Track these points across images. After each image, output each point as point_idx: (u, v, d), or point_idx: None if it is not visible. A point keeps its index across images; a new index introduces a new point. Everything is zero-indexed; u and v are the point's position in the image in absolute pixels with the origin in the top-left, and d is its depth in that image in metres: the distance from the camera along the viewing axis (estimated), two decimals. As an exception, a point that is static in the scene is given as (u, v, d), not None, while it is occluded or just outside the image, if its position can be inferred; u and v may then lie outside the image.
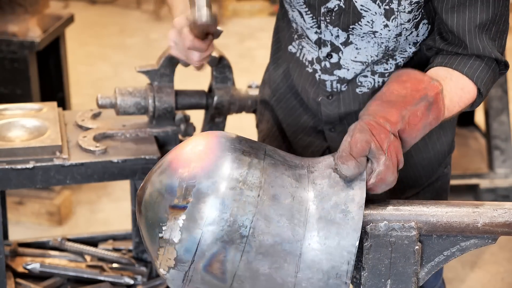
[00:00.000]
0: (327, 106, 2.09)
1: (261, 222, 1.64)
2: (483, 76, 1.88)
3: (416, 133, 1.77)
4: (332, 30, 1.98)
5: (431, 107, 1.77)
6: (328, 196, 1.68)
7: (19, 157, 2.35)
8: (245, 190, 1.65)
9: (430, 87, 1.79)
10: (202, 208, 1.63)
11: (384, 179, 1.70)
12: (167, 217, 1.66)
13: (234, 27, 6.38)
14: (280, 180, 1.69)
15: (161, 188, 1.68)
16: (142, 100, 2.49)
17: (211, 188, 1.64)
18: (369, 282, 1.73)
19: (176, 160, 1.69)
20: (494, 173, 4.07)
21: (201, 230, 1.62)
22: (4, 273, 2.45)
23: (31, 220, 3.95)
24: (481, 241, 1.75)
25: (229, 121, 2.63)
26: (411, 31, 1.95)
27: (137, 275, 2.75)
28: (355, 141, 1.68)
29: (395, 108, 1.74)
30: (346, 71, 2.03)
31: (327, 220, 1.66)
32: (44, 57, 4.03)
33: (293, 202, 1.67)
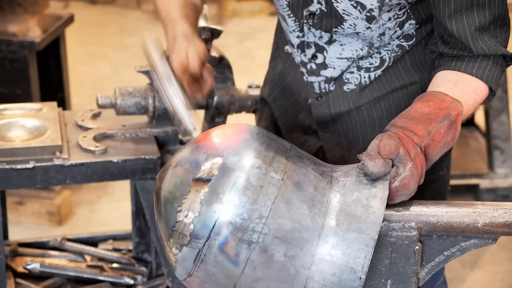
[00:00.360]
0: (317, 108, 2.09)
1: (282, 205, 1.63)
2: (492, 74, 1.88)
3: (438, 150, 1.77)
4: (315, 32, 2.00)
5: (452, 127, 1.78)
6: (350, 191, 1.68)
7: (19, 157, 2.35)
8: (270, 172, 1.64)
9: (452, 107, 1.79)
10: (225, 182, 1.63)
11: (408, 185, 1.69)
12: (189, 189, 1.64)
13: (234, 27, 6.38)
14: (304, 170, 1.69)
15: (186, 163, 1.67)
16: (142, 100, 2.49)
17: (237, 164, 1.63)
18: (369, 282, 1.73)
19: (203, 139, 1.69)
20: (494, 173, 4.07)
21: (222, 205, 1.61)
22: (4, 273, 2.45)
23: (31, 220, 3.95)
24: (481, 241, 1.75)
25: (229, 121, 2.63)
26: (395, 30, 1.96)
27: (137, 275, 2.75)
28: (384, 144, 1.68)
29: (421, 124, 1.74)
30: (332, 69, 2.04)
31: (348, 213, 1.66)
32: (44, 57, 4.03)
33: (315, 192, 1.67)
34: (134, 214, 2.80)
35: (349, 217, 1.66)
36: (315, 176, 1.70)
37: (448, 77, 1.88)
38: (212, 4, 6.36)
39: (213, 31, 2.43)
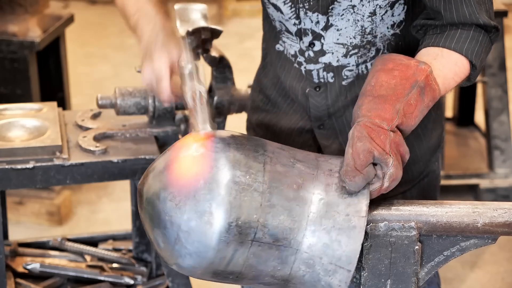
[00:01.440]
0: (314, 97, 2.09)
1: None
2: (473, 48, 1.85)
3: (414, 120, 1.75)
4: (312, 17, 1.98)
5: (424, 91, 1.75)
6: (334, 203, 1.69)
7: (19, 157, 2.35)
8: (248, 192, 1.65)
9: (418, 71, 1.76)
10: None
11: (396, 178, 1.69)
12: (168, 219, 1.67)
13: (234, 27, 6.38)
14: (284, 179, 1.69)
15: (158, 200, 1.69)
16: (142, 100, 2.49)
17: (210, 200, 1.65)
18: (369, 282, 1.73)
19: (169, 178, 1.69)
20: (494, 173, 4.07)
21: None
22: (4, 273, 2.45)
23: (31, 220, 3.95)
24: (481, 241, 1.75)
25: (229, 121, 2.63)
26: (386, 10, 1.95)
27: (137, 275, 2.75)
28: (357, 152, 1.67)
29: (388, 104, 1.72)
30: (330, 55, 2.03)
31: (329, 226, 1.67)
32: (44, 57, 4.03)
33: (295, 201, 1.67)
34: (134, 214, 2.80)
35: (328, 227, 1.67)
36: (295, 183, 1.70)
37: (428, 51, 1.86)
38: (212, 4, 6.36)
39: (213, 31, 2.44)
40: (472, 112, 4.52)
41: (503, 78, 4.03)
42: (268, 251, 1.66)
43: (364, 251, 1.73)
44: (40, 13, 3.97)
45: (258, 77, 2.26)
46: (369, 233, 1.72)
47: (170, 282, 2.53)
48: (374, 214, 1.72)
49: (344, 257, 1.65)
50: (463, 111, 4.52)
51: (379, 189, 1.70)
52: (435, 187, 2.20)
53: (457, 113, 4.53)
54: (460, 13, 1.85)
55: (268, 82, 2.21)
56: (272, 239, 1.65)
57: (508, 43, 5.68)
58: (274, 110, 2.20)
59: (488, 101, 4.06)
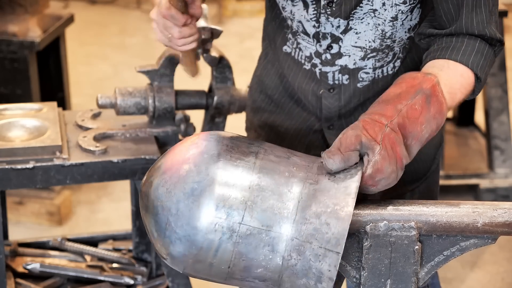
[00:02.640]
0: (328, 99, 2.09)
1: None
2: (478, 61, 1.85)
3: (420, 127, 1.74)
4: (333, 22, 1.99)
5: (430, 100, 1.75)
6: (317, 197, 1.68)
7: (19, 157, 2.35)
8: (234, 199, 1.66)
9: (424, 80, 1.77)
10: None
11: (382, 169, 1.67)
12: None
13: (234, 27, 6.38)
14: (272, 174, 1.69)
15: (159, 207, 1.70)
16: (142, 100, 2.49)
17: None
18: (369, 282, 1.73)
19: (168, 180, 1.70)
20: (494, 173, 4.07)
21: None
22: (4, 273, 2.45)
23: (31, 220, 3.95)
24: (481, 241, 1.75)
25: (229, 121, 2.63)
26: (407, 15, 1.96)
27: (137, 275, 2.75)
28: (345, 136, 1.67)
29: (390, 105, 1.73)
30: (347, 58, 2.04)
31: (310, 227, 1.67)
32: (44, 57, 4.03)
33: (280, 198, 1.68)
34: (134, 214, 2.80)
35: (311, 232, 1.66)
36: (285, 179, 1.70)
37: (434, 63, 1.86)
38: (212, 4, 6.36)
39: (213, 31, 2.44)
40: (472, 112, 4.52)
41: (503, 78, 4.03)
42: (257, 236, 1.65)
43: (364, 251, 1.73)
44: (40, 13, 3.97)
45: (259, 77, 2.25)
46: (369, 233, 1.72)
47: (170, 282, 2.53)
48: (374, 214, 1.72)
49: (333, 239, 1.64)
50: (463, 111, 4.52)
51: (363, 174, 1.67)
52: (436, 185, 2.22)
53: (457, 113, 4.53)
54: (469, 22, 1.86)
55: (270, 82, 2.20)
56: (261, 224, 1.65)
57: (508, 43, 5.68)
58: (278, 111, 2.20)
59: (488, 101, 4.06)
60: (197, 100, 2.57)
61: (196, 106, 2.58)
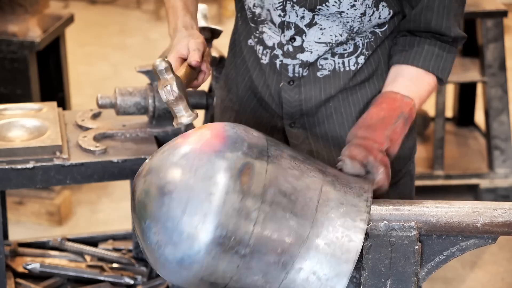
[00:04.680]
0: (287, 92, 2.09)
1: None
2: (438, 63, 2.02)
3: (397, 147, 1.94)
4: (298, 11, 1.99)
5: (407, 122, 1.95)
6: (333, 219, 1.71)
7: (19, 157, 2.35)
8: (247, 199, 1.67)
9: (403, 104, 1.95)
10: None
11: (382, 187, 1.87)
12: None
13: (234, 27, 6.37)
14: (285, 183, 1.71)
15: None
16: (142, 100, 2.49)
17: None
18: (369, 282, 1.73)
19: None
20: (494, 173, 4.07)
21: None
22: (4, 273, 2.45)
23: (31, 220, 3.95)
24: (481, 241, 1.75)
25: (229, 121, 2.63)
26: (373, 10, 1.99)
27: (137, 275, 2.75)
28: (355, 153, 1.87)
29: (379, 131, 1.91)
30: (309, 53, 2.04)
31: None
32: (44, 57, 4.03)
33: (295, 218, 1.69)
34: (134, 214, 2.80)
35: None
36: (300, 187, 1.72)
37: (403, 71, 2.02)
38: (212, 4, 6.36)
39: (213, 31, 2.44)
40: (472, 112, 4.52)
41: (503, 78, 4.03)
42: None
43: (364, 251, 1.73)
44: (40, 13, 3.97)
45: (226, 75, 2.25)
46: (369, 233, 1.72)
47: (170, 282, 2.53)
48: (374, 214, 1.72)
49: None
50: (463, 111, 4.52)
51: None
52: (411, 186, 2.25)
53: (457, 113, 4.53)
54: (437, 22, 1.99)
55: (237, 81, 2.20)
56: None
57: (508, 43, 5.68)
58: (241, 110, 2.19)
59: (488, 101, 4.06)
60: (197, 100, 2.57)
61: (196, 106, 2.58)
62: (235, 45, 2.21)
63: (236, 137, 1.73)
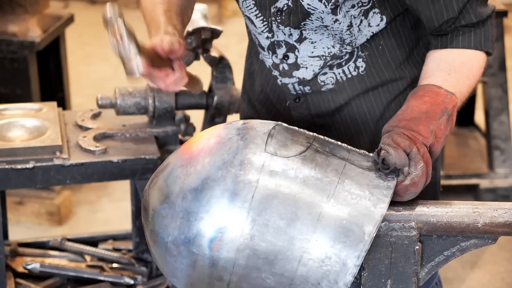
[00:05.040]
0: (296, 109, 2.08)
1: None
2: (479, 38, 1.88)
3: (440, 146, 1.79)
4: (284, 30, 1.97)
5: (450, 120, 1.81)
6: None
7: (19, 157, 2.35)
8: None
9: (448, 100, 1.81)
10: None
11: (418, 184, 1.71)
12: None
13: (234, 27, 6.37)
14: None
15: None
16: (142, 100, 2.49)
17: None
18: (369, 282, 1.73)
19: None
20: (494, 173, 4.07)
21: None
22: (4, 273, 2.45)
23: (31, 220, 3.94)
24: (481, 241, 1.75)
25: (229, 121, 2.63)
26: (361, 20, 1.94)
27: (137, 275, 2.75)
28: (398, 141, 1.71)
29: (423, 125, 1.76)
30: (304, 70, 2.02)
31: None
32: (44, 57, 4.03)
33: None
34: (134, 214, 2.80)
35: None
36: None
37: (440, 65, 1.88)
38: (212, 4, 6.36)
39: (213, 31, 2.44)
40: (472, 112, 4.52)
41: (503, 78, 4.03)
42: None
43: (364, 251, 1.73)
44: (40, 13, 3.97)
45: (245, 87, 2.25)
46: (369, 233, 1.72)
47: (170, 282, 2.53)
48: (374, 214, 1.72)
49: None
50: (463, 111, 4.48)
51: (399, 183, 1.70)
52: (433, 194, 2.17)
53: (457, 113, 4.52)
54: (467, 18, 1.87)
55: (254, 93, 2.19)
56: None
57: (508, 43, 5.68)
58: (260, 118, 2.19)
59: (488, 101, 4.06)
60: (197, 100, 2.57)
61: (196, 106, 2.58)
62: (250, 57, 2.21)
63: (220, 191, 1.66)
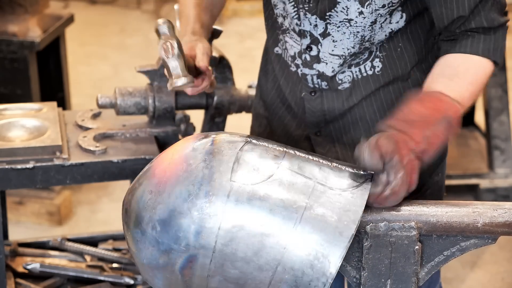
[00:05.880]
0: (310, 102, 2.09)
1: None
2: (488, 46, 1.87)
3: (433, 153, 1.77)
4: (311, 19, 1.99)
5: (450, 129, 1.78)
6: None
7: (19, 157, 2.35)
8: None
9: (450, 107, 1.79)
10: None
11: (397, 193, 1.70)
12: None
13: (234, 27, 6.38)
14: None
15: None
16: (142, 100, 2.49)
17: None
18: (369, 282, 1.73)
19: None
20: (494, 173, 4.07)
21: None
22: (4, 273, 2.45)
23: (31, 220, 3.95)
24: (481, 241, 1.75)
25: (229, 121, 2.63)
26: (386, 18, 1.95)
27: (137, 275, 2.75)
28: (382, 143, 1.69)
29: (418, 128, 1.74)
30: (324, 65, 2.04)
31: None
32: (44, 57, 4.03)
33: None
34: (134, 214, 2.80)
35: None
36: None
37: (444, 71, 1.87)
38: (212, 4, 6.35)
39: (213, 31, 2.44)
40: (472, 112, 4.52)
41: (503, 78, 4.03)
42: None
43: (364, 251, 1.73)
44: (40, 13, 3.97)
45: (259, 82, 2.27)
46: (369, 233, 1.72)
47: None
48: (374, 214, 1.72)
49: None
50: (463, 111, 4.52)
51: (378, 194, 1.69)
52: (439, 198, 2.17)
53: (457, 113, 4.52)
54: (477, 20, 1.87)
55: (267, 88, 2.21)
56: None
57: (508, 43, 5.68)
58: (272, 117, 2.20)
59: (488, 101, 4.06)
60: (197, 100, 2.57)
61: (196, 106, 2.58)
62: (267, 53, 2.22)
63: (189, 220, 1.66)
